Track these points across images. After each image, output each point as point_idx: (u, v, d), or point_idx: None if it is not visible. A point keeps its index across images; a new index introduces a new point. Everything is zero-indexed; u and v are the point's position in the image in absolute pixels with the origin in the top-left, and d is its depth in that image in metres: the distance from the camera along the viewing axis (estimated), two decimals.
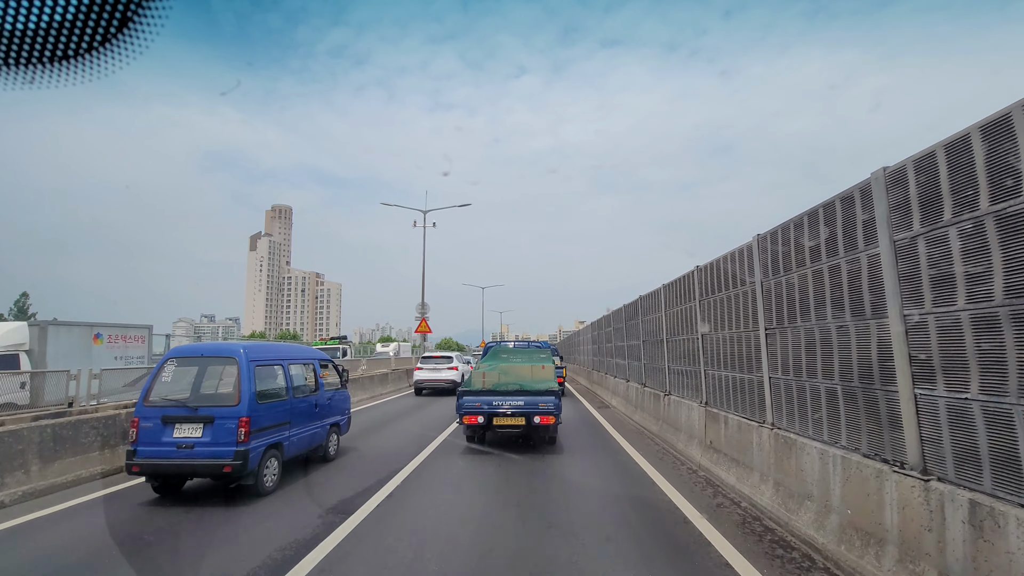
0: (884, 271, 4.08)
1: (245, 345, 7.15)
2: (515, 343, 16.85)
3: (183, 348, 7.34)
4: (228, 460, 6.23)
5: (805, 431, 5.16)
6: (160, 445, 6.32)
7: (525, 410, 8.83)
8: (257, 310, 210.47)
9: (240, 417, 6.37)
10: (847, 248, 4.57)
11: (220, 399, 6.80)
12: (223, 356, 7.23)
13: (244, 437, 6.34)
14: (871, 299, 4.27)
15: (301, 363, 8.35)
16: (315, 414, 8.25)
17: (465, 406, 9.02)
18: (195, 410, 6.44)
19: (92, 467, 7.63)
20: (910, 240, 3.81)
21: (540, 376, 9.74)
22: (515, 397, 8.92)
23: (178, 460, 6.26)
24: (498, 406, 8.90)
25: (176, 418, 6.41)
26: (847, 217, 4.57)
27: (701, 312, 8.24)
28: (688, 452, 8.34)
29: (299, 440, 7.70)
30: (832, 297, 4.79)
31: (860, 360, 4.39)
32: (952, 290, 3.45)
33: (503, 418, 8.89)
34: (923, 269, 3.69)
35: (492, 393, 9.07)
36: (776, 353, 5.83)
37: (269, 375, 7.25)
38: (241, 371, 6.62)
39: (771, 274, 6.02)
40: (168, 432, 6.38)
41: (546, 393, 8.97)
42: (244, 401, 6.46)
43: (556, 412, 8.83)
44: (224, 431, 6.33)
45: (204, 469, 6.31)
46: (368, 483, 7.14)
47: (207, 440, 6.32)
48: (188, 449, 6.29)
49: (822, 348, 4.93)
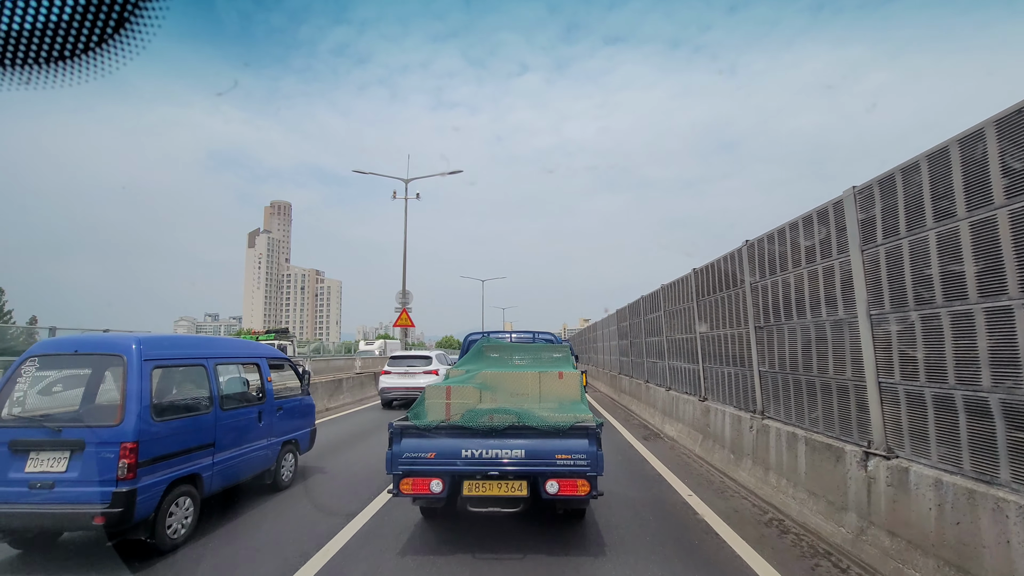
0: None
1: (141, 338, 5.06)
2: (514, 335, 10.21)
3: (52, 341, 5.41)
4: (102, 506, 4.27)
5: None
6: (5, 484, 4.37)
7: (529, 466, 4.56)
8: (256, 308, 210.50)
9: (123, 442, 4.43)
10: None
11: (95, 415, 4.89)
12: (105, 353, 5.08)
13: (128, 472, 4.40)
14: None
15: (238, 362, 6.44)
16: (259, 430, 6.34)
17: (406, 458, 4.61)
18: (58, 432, 4.48)
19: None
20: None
21: (557, 394, 5.59)
22: (509, 440, 4.61)
23: (30, 506, 4.30)
24: (475, 458, 4.58)
25: (31, 444, 4.47)
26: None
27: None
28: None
29: (231, 467, 5.79)
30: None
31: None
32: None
33: (485, 482, 4.63)
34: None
35: (463, 432, 4.66)
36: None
37: (181, 379, 5.47)
38: (129, 374, 4.66)
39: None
40: (18, 465, 4.42)
41: (574, 433, 4.58)
42: (130, 418, 4.52)
43: (592, 469, 4.51)
44: (99, 462, 4.38)
45: (67, 520, 4.34)
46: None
47: (73, 476, 4.36)
48: (45, 489, 4.31)
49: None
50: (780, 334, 6.07)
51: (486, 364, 6.65)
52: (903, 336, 4.03)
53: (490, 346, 7.18)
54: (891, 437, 4.21)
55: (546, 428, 4.58)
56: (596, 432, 4.57)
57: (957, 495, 3.44)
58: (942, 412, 3.67)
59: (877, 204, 4.31)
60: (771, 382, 6.37)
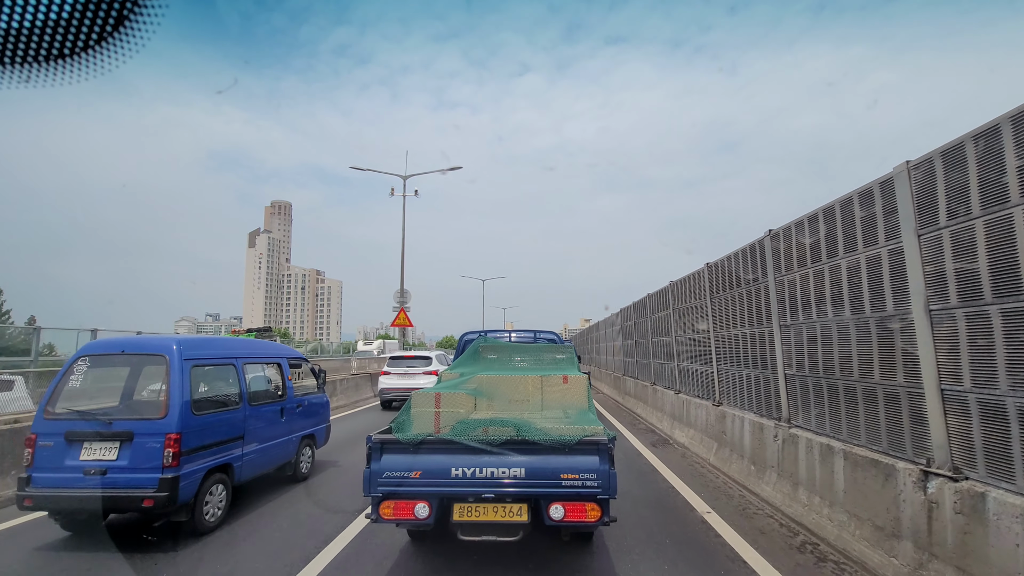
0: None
1: (181, 339, 5.71)
2: (513, 335, 9.26)
3: (101, 343, 5.89)
4: (150, 490, 4.80)
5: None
6: (62, 471, 4.88)
7: (529, 487, 3.90)
8: (256, 308, 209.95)
9: (168, 433, 4.94)
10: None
11: (142, 409, 5.37)
12: (149, 353, 5.59)
13: (173, 460, 4.91)
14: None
15: (262, 362, 6.89)
16: (281, 425, 6.80)
17: (387, 477, 3.96)
18: (109, 424, 4.99)
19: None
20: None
21: (561, 401, 4.98)
22: (506, 456, 3.95)
23: (85, 490, 4.81)
24: (467, 478, 3.92)
25: (84, 435, 4.97)
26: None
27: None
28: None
29: (258, 459, 6.28)
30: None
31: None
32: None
33: (479, 506, 3.95)
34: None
35: (453, 447, 4.00)
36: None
37: (214, 377, 5.89)
38: (172, 373, 5.17)
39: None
40: (73, 453, 4.95)
41: (582, 448, 3.93)
42: (174, 412, 5.02)
43: (604, 491, 3.85)
44: (146, 452, 4.91)
45: (118, 502, 4.84)
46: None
47: (123, 464, 4.88)
48: (98, 476, 4.83)
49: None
50: (811, 333, 5.42)
51: (482, 367, 5.99)
52: (976, 335, 3.38)
53: (487, 346, 6.47)
54: (958, 455, 3.56)
55: (549, 442, 3.91)
56: (608, 447, 3.90)
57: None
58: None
59: (940, 180, 3.66)
60: (799, 387, 5.72)
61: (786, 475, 5.80)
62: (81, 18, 1.18)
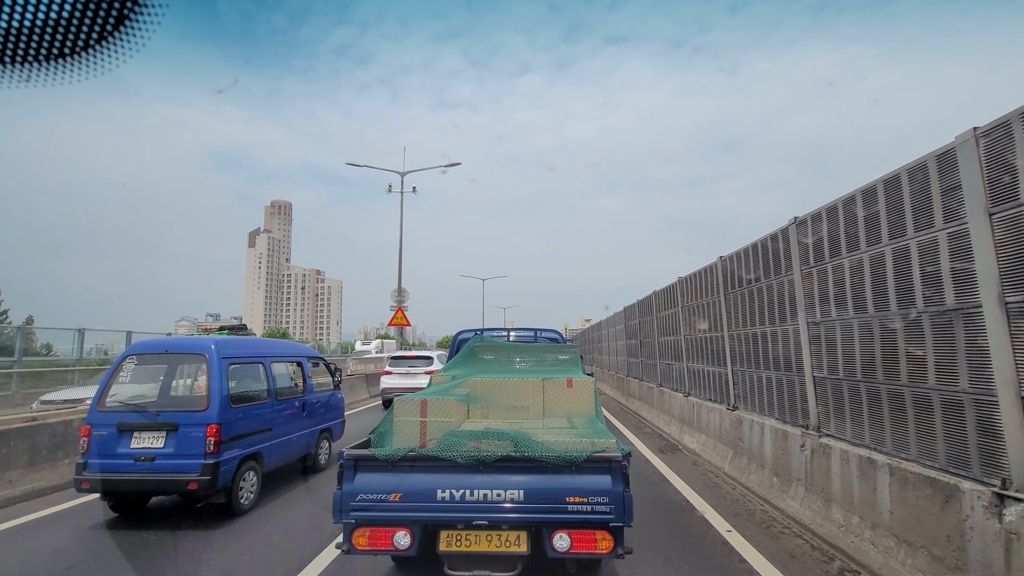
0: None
1: (218, 340, 6.23)
2: (512, 334, 8.29)
3: (145, 343, 6.40)
4: (194, 475, 5.35)
5: None
6: (115, 457, 5.45)
7: (529, 513, 3.29)
8: (256, 308, 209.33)
9: (209, 424, 5.49)
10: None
11: (186, 403, 6.06)
12: (191, 352, 6.27)
13: (214, 447, 5.46)
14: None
15: (286, 361, 7.44)
16: (303, 419, 7.35)
17: (361, 500, 3.35)
18: (156, 416, 5.56)
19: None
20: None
21: (565, 408, 4.42)
22: (502, 476, 3.35)
23: (136, 475, 5.39)
24: (456, 501, 3.31)
25: (134, 425, 5.53)
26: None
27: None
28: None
29: (283, 449, 6.83)
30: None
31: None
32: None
33: (470, 534, 3.33)
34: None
35: (440, 464, 3.38)
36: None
37: (246, 374, 6.38)
38: (211, 370, 5.74)
39: None
40: (125, 442, 5.51)
41: (591, 466, 3.33)
42: (214, 405, 5.57)
43: (617, 518, 3.24)
44: (190, 440, 5.45)
45: (166, 485, 5.44)
46: None
47: (170, 451, 5.44)
48: (147, 462, 5.41)
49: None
50: (846, 331, 4.82)
51: (478, 369, 5.43)
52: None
53: (484, 346, 5.91)
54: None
55: (553, 459, 3.31)
56: (622, 465, 3.30)
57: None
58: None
59: (1021, 147, 3.06)
60: (831, 391, 5.12)
61: (816, 490, 5.20)
62: (81, 18, 1.18)
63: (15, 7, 1.12)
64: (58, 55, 1.21)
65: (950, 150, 3.57)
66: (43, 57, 1.20)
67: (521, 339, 8.18)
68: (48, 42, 1.18)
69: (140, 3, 1.20)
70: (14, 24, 1.14)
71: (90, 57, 1.22)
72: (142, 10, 1.21)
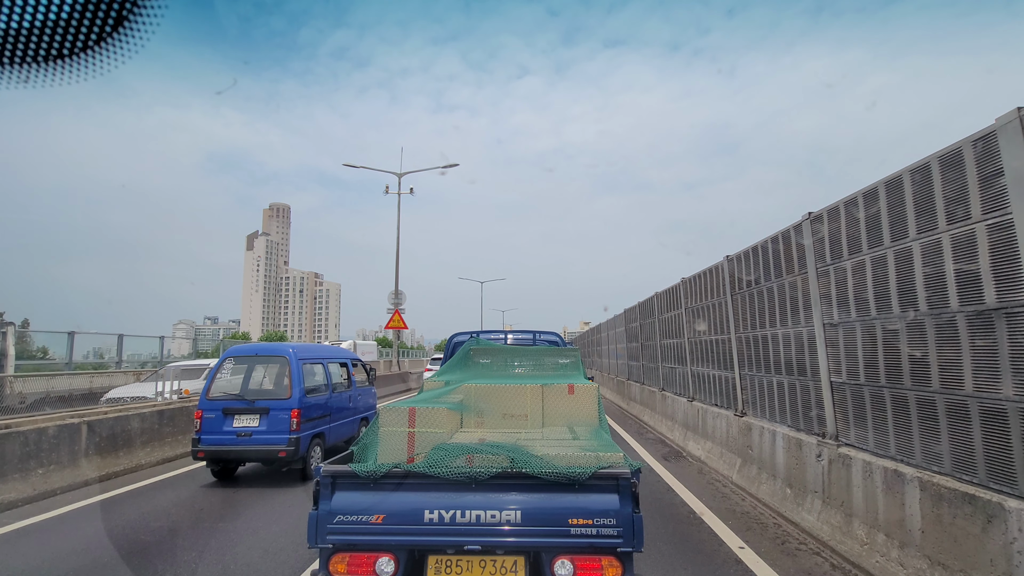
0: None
1: (294, 346, 8.23)
2: (510, 336, 7.88)
3: (239, 348, 8.38)
4: (283, 446, 7.10)
5: None
6: (221, 434, 7.18)
7: (528, 536, 2.89)
8: (254, 311, 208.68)
9: (292, 409, 7.23)
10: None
11: (274, 393, 7.69)
12: (275, 355, 8.20)
13: (296, 426, 7.19)
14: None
15: (338, 362, 9.26)
16: (348, 408, 9.06)
17: (339, 523, 2.94)
18: (252, 403, 7.33)
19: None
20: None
21: (566, 416, 4.13)
22: (497, 494, 2.96)
23: (238, 446, 7.16)
24: (445, 523, 2.90)
25: (235, 410, 7.29)
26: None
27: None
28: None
29: (337, 431, 8.52)
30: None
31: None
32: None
33: (461, 560, 2.96)
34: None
35: (428, 481, 2.97)
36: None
37: (313, 372, 8.08)
38: (292, 368, 7.49)
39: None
40: (228, 422, 7.25)
41: (596, 484, 2.93)
42: (295, 395, 7.32)
43: (626, 542, 2.86)
44: (278, 421, 7.18)
45: (261, 454, 7.19)
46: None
47: (263, 429, 7.18)
48: (247, 437, 7.17)
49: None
50: (868, 334, 4.49)
51: (473, 374, 5.06)
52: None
53: (479, 349, 5.56)
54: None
55: (553, 476, 2.95)
56: (631, 483, 2.94)
57: None
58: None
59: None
60: (851, 398, 4.79)
61: (834, 503, 4.86)
62: (80, 18, 1.17)
63: (14, 7, 1.12)
64: (57, 56, 1.21)
65: (989, 134, 3.24)
66: (42, 58, 1.20)
67: (519, 342, 7.74)
68: (47, 43, 1.19)
69: (139, 5, 1.20)
70: (13, 24, 1.14)
71: (89, 58, 1.23)
72: (141, 12, 1.21)
